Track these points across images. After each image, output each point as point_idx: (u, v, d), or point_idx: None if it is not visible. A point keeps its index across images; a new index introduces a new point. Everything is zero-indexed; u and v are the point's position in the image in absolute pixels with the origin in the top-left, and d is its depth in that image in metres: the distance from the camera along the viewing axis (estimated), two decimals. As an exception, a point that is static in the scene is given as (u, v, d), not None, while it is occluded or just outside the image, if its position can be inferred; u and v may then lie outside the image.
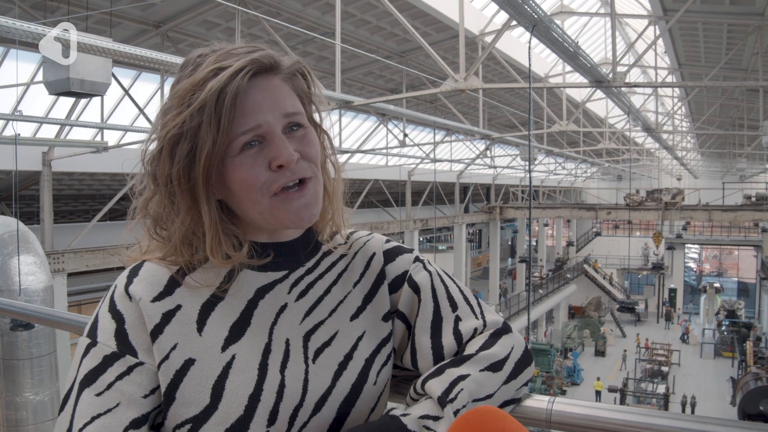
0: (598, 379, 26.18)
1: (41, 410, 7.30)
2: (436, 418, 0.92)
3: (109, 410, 0.86)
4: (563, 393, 25.83)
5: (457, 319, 1.06)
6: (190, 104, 0.90)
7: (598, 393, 25.56)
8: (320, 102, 1.06)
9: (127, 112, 13.76)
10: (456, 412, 0.91)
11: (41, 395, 7.28)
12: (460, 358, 1.00)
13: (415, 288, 1.09)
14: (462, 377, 0.96)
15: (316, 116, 1.06)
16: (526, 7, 6.85)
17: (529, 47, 7.23)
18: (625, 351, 31.74)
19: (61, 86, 6.88)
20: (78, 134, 13.17)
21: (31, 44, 6.29)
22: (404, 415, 0.93)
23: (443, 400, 0.93)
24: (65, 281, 11.51)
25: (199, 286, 0.95)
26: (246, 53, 0.94)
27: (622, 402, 23.36)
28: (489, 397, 0.97)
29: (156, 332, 0.90)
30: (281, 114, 0.94)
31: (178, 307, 0.93)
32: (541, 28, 7.50)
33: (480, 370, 0.98)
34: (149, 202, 0.97)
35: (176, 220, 0.95)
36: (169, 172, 0.93)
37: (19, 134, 10.16)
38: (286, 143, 0.93)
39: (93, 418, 0.86)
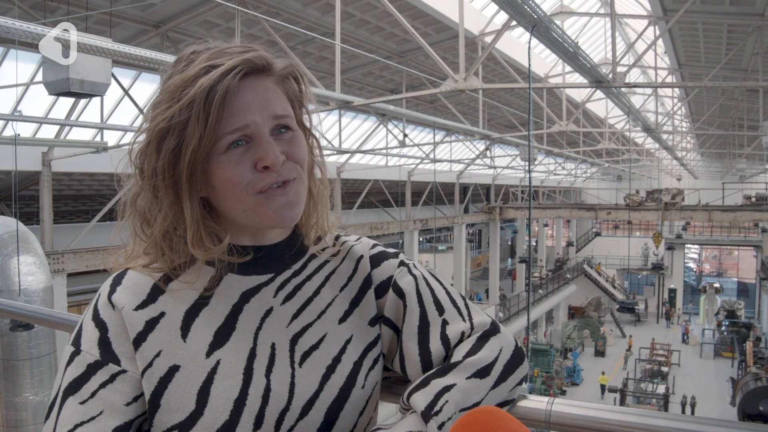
0: (603, 373, 26.41)
1: (41, 411, 7.29)
2: None
3: (93, 418, 0.87)
4: (563, 393, 25.84)
5: (444, 323, 1.05)
6: (180, 99, 0.90)
7: (602, 387, 25.87)
8: (311, 103, 1.06)
9: (127, 113, 13.76)
10: (441, 425, 0.90)
11: (41, 396, 7.28)
12: (445, 367, 0.99)
13: (400, 293, 1.07)
14: (447, 388, 0.95)
15: (306, 120, 1.06)
16: (525, 7, 6.85)
17: (529, 47, 7.23)
18: (628, 348, 31.86)
19: (61, 86, 6.88)
20: (78, 134, 13.18)
21: (30, 44, 6.29)
22: None
23: (427, 415, 0.92)
24: (65, 281, 11.51)
25: (183, 289, 0.95)
26: (239, 53, 0.94)
27: (622, 402, 23.35)
28: (477, 404, 0.96)
29: (139, 340, 0.90)
30: (270, 115, 0.94)
31: (162, 314, 0.93)
32: (541, 29, 7.49)
33: (466, 378, 0.97)
34: (137, 197, 0.97)
35: (159, 215, 0.95)
36: (155, 166, 0.93)
37: (18, 134, 10.17)
38: (272, 145, 0.93)
39: (76, 426, 0.86)
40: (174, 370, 0.90)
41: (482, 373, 0.98)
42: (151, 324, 0.91)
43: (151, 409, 0.89)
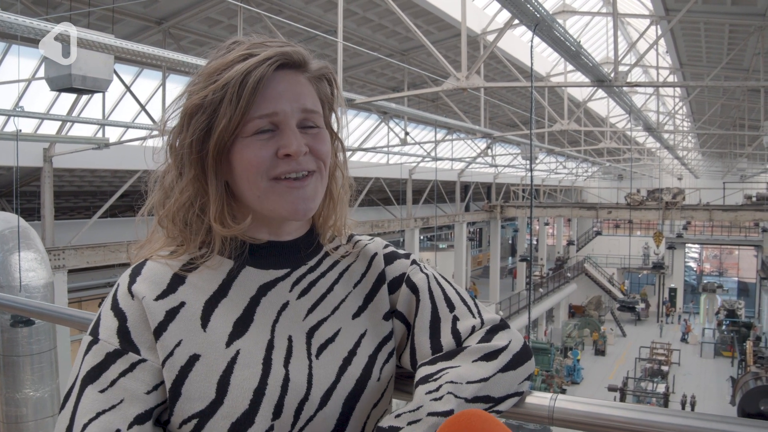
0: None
1: (41, 407, 7.30)
2: (407, 405, 0.93)
3: (114, 406, 0.87)
4: (563, 392, 25.78)
5: (455, 319, 1.08)
6: (216, 81, 0.93)
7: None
8: (341, 107, 1.09)
9: (129, 109, 13.73)
10: (437, 389, 0.93)
11: (41, 392, 7.29)
12: (453, 351, 1.02)
13: (413, 288, 1.10)
14: (452, 366, 0.98)
15: (335, 124, 1.09)
16: (528, 6, 6.84)
17: (531, 46, 7.22)
18: (661, 322, 32.16)
19: (63, 82, 6.89)
20: (79, 131, 13.16)
21: (33, 40, 6.28)
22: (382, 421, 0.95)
23: (419, 383, 0.95)
24: (66, 278, 11.51)
25: (202, 281, 0.96)
26: (278, 46, 0.98)
27: (622, 401, 23.37)
28: (484, 380, 0.97)
29: (159, 330, 0.91)
30: (299, 108, 0.97)
31: (182, 304, 0.94)
32: (543, 27, 7.49)
33: (473, 361, 1.00)
34: (167, 173, 1.00)
35: (179, 185, 0.98)
36: (182, 141, 0.96)
37: (20, 130, 10.13)
38: (297, 135, 0.95)
39: (98, 414, 0.86)
40: (194, 359, 0.91)
41: (489, 357, 1.01)
42: (171, 314, 0.92)
43: (171, 398, 0.90)
